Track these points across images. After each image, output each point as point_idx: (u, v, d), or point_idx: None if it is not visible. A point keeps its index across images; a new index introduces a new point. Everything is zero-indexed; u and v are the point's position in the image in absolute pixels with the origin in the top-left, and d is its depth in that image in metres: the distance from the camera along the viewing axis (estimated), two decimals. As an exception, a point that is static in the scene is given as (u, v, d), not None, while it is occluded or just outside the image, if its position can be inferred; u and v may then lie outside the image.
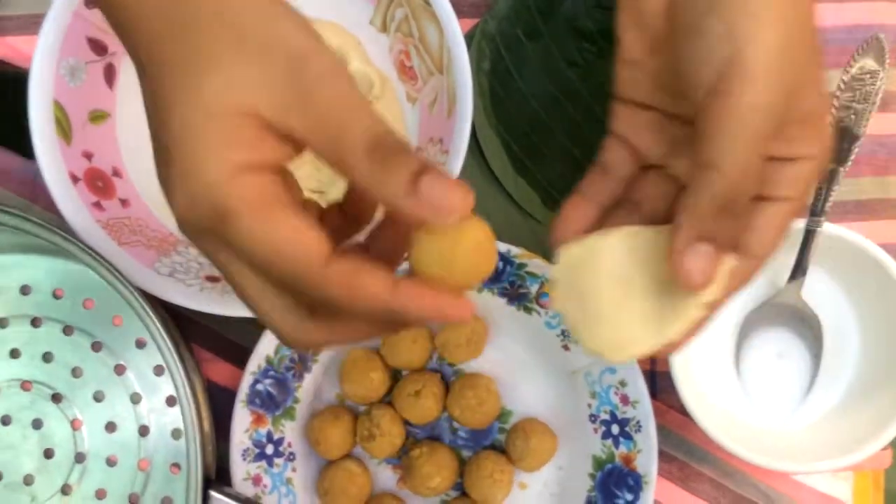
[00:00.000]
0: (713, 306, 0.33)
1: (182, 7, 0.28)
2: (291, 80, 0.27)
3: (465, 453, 0.53)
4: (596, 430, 0.51)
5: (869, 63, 0.46)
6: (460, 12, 0.48)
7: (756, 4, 0.30)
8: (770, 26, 0.29)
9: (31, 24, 0.56)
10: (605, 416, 0.51)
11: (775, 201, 0.32)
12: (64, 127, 0.49)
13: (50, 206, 0.50)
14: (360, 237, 0.33)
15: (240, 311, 0.47)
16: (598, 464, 0.51)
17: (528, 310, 0.51)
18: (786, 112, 0.30)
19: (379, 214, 0.33)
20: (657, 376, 0.54)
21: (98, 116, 0.51)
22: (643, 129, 0.36)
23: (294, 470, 0.52)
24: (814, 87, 0.32)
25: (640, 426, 0.50)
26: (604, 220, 0.37)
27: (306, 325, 0.29)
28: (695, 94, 0.31)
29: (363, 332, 0.30)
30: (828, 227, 0.48)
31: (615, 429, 0.51)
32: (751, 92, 0.29)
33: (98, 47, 0.50)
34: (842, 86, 0.47)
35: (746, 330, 0.52)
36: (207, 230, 0.28)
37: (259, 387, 0.51)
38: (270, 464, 0.52)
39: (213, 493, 0.46)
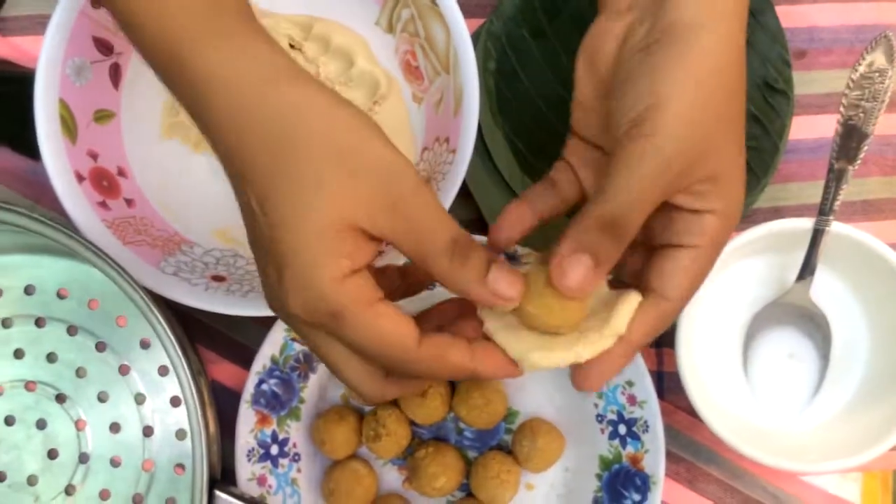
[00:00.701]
0: (630, 345, 0.35)
1: (286, 131, 0.32)
2: (386, 195, 0.32)
3: (472, 454, 0.53)
4: (603, 431, 0.51)
5: (878, 61, 0.46)
6: (466, 12, 0.48)
7: (681, 71, 0.33)
8: (689, 92, 0.33)
9: (37, 24, 0.56)
10: (613, 417, 0.51)
11: (684, 248, 0.35)
12: (69, 126, 0.49)
13: (54, 206, 0.50)
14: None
15: (245, 310, 0.47)
16: (605, 464, 0.51)
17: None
18: (689, 167, 0.33)
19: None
20: (664, 377, 0.54)
21: (103, 116, 0.51)
22: (587, 165, 0.39)
23: (299, 470, 0.52)
24: (725, 152, 0.35)
25: (647, 426, 0.49)
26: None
27: (384, 385, 0.36)
28: (615, 136, 0.34)
29: (427, 384, 0.37)
30: (836, 227, 0.48)
31: (622, 429, 0.50)
32: (655, 139, 0.33)
33: (104, 47, 0.50)
34: (850, 84, 0.47)
35: (754, 330, 0.52)
36: (320, 326, 0.33)
37: (264, 387, 0.51)
38: (275, 464, 0.51)
39: (219, 493, 0.46)
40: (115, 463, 0.52)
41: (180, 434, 0.52)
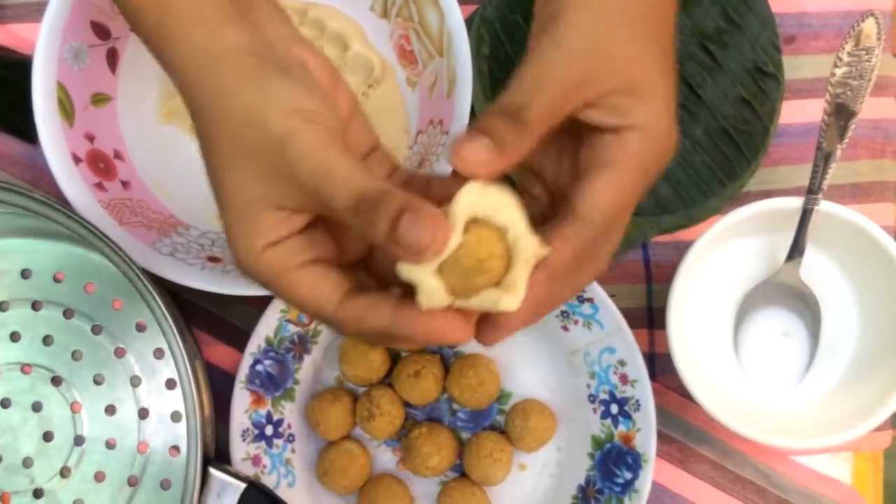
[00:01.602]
0: (551, 267, 0.32)
1: (210, 113, 0.33)
2: (279, 170, 0.32)
3: (465, 434, 0.53)
4: (595, 410, 0.51)
5: (865, 39, 0.47)
6: (459, -1, 0.48)
7: None
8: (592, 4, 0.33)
9: (34, 11, 0.57)
10: (605, 396, 0.51)
11: (603, 167, 0.33)
12: (66, 108, 0.49)
13: (51, 191, 0.50)
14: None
15: (240, 289, 0.47)
16: (598, 443, 0.51)
17: (527, 291, 0.51)
18: (597, 71, 0.32)
19: None
20: (656, 358, 0.54)
21: (100, 99, 0.52)
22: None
23: (293, 451, 0.52)
24: (645, 61, 0.34)
25: (639, 405, 0.50)
26: None
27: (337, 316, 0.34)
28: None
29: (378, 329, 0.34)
30: (825, 206, 0.49)
31: (614, 408, 0.51)
32: (557, 33, 0.33)
33: (101, 31, 0.51)
34: (838, 62, 0.47)
35: (745, 309, 0.52)
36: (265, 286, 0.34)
37: (259, 367, 0.51)
38: (270, 444, 0.52)
39: (213, 470, 0.46)
40: (110, 445, 0.52)
41: (175, 416, 0.52)
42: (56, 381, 0.52)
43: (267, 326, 0.51)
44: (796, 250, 0.50)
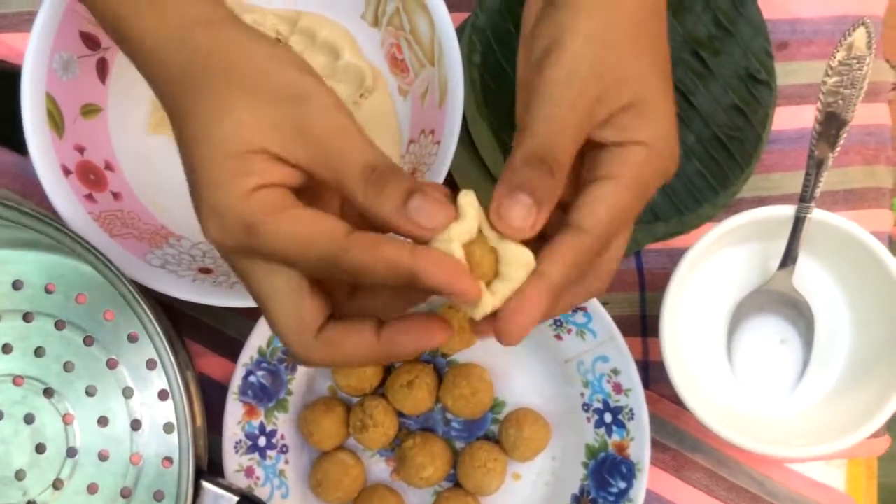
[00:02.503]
0: (548, 282, 0.32)
1: (195, 64, 0.33)
2: (293, 120, 0.32)
3: (459, 444, 0.53)
4: (589, 419, 0.51)
5: (857, 48, 0.47)
6: (451, 6, 0.48)
7: (580, 1, 0.33)
8: (589, 18, 0.33)
9: (24, 21, 0.56)
10: (598, 405, 0.51)
11: (605, 179, 0.33)
12: (56, 120, 0.49)
13: (42, 202, 0.50)
14: None
15: (231, 301, 0.47)
16: (591, 452, 0.51)
17: (520, 300, 0.51)
18: (607, 91, 0.33)
19: None
20: (650, 366, 0.54)
21: (90, 110, 0.52)
22: None
23: (287, 462, 0.52)
24: (648, 78, 0.34)
25: (632, 414, 0.50)
26: None
27: (313, 342, 0.33)
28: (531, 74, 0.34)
29: (362, 352, 0.33)
30: (817, 214, 0.49)
31: (608, 417, 0.51)
32: (567, 63, 0.32)
33: (91, 42, 0.51)
34: (829, 71, 0.47)
35: (738, 317, 0.52)
36: (239, 247, 0.32)
37: (252, 378, 0.51)
38: (263, 456, 0.51)
39: (205, 484, 0.46)
40: (102, 457, 0.52)
41: (168, 427, 0.52)
42: (48, 392, 0.52)
43: (260, 337, 0.51)
44: (789, 258, 0.50)
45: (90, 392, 0.52)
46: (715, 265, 0.53)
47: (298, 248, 0.31)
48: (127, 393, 0.52)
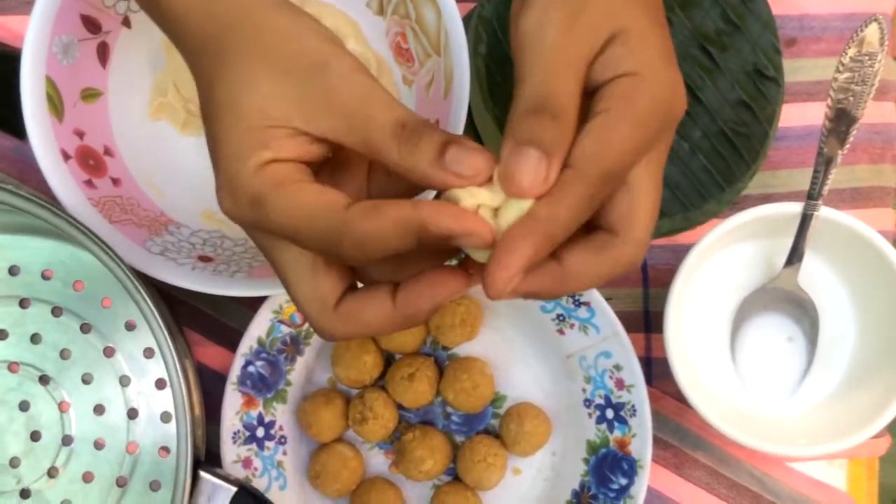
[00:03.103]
0: (555, 220, 0.30)
1: (221, 33, 0.33)
2: (315, 89, 0.31)
3: (459, 438, 0.53)
4: (590, 415, 0.51)
5: (868, 45, 0.46)
6: (457, -4, 0.48)
7: None
8: None
9: (24, 4, 0.56)
10: (600, 401, 0.51)
11: (598, 113, 0.31)
12: (56, 104, 0.48)
13: (40, 186, 0.49)
14: None
15: (231, 290, 0.46)
16: (592, 448, 0.51)
17: (522, 294, 0.51)
18: (595, 20, 0.31)
19: None
20: (653, 362, 0.54)
21: (90, 95, 0.51)
22: None
23: (285, 453, 0.52)
24: (623, 7, 0.32)
25: (634, 410, 0.49)
26: None
27: (333, 317, 0.32)
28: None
29: (381, 320, 0.32)
30: (824, 212, 0.48)
31: (609, 413, 0.50)
32: (534, 9, 0.31)
33: (92, 25, 0.50)
34: (840, 67, 0.47)
35: (742, 315, 0.52)
36: (251, 221, 0.32)
37: (250, 369, 0.51)
38: (261, 447, 0.51)
39: (203, 473, 0.46)
40: (98, 445, 0.51)
41: (165, 417, 0.52)
42: (44, 379, 0.51)
43: (259, 327, 0.50)
44: (795, 256, 0.50)
45: (86, 380, 0.51)
46: (720, 262, 0.52)
47: (301, 223, 0.30)
48: (124, 381, 0.51)
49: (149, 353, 0.51)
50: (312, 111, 0.31)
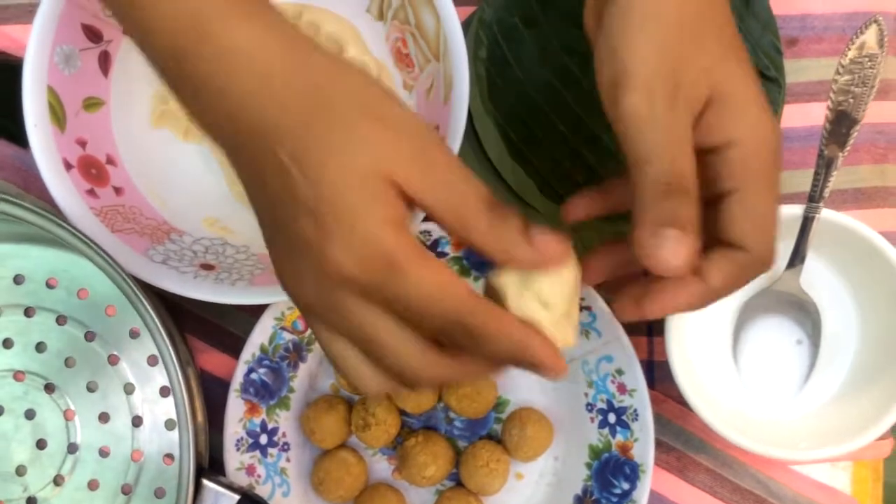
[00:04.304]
0: (708, 290, 0.34)
1: (321, 92, 0.32)
2: (420, 150, 0.31)
3: (461, 443, 0.53)
4: (593, 420, 0.51)
5: (868, 46, 0.46)
6: (456, 1, 0.48)
7: (633, 17, 0.33)
8: (645, 36, 0.33)
9: (27, 13, 0.56)
10: (602, 405, 0.51)
11: (725, 196, 0.33)
12: (58, 113, 0.48)
13: (43, 195, 0.50)
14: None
15: (234, 298, 0.46)
16: (595, 453, 0.51)
17: (524, 298, 0.51)
18: (678, 94, 0.32)
19: None
20: (655, 366, 0.54)
21: (92, 104, 0.51)
22: None
23: (288, 460, 0.52)
24: (722, 69, 0.33)
25: (637, 415, 0.49)
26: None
27: (439, 358, 0.33)
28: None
29: (476, 369, 0.34)
30: (826, 214, 0.48)
31: (612, 418, 0.50)
32: (634, 98, 0.32)
33: (93, 34, 0.50)
34: (840, 69, 0.47)
35: (744, 318, 0.52)
36: (368, 284, 0.30)
37: (253, 376, 0.51)
38: (264, 454, 0.51)
39: (206, 482, 0.46)
40: (103, 453, 0.51)
41: (169, 424, 0.52)
42: (49, 388, 0.52)
43: (262, 334, 0.51)
44: (797, 258, 0.49)
45: (91, 388, 0.52)
46: (721, 265, 0.52)
47: (434, 300, 0.31)
48: (128, 389, 0.52)
49: (153, 360, 0.52)
50: (413, 169, 0.31)
